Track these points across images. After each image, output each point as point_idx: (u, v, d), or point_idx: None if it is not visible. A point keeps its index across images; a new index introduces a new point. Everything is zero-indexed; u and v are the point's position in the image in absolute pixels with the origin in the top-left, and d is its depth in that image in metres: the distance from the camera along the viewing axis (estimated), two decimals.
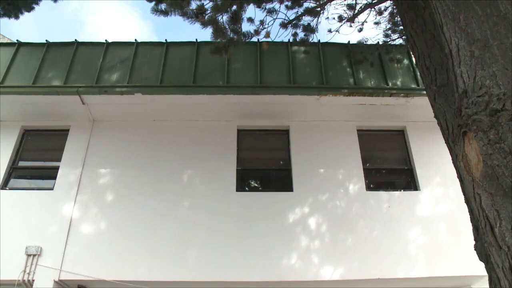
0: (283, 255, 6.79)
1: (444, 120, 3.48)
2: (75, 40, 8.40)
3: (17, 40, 8.45)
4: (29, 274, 6.54)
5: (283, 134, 8.21)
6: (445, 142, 3.51)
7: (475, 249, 2.86)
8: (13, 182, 7.68)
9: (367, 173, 7.76)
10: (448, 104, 3.49)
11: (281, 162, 8.15)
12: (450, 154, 3.38)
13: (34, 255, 6.68)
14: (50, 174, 7.65)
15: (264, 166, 8.36)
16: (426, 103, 4.94)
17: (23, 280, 6.49)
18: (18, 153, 7.96)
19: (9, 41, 10.84)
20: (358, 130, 8.18)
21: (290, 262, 6.74)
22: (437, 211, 7.28)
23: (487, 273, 2.64)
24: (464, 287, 7.13)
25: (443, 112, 3.53)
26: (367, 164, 7.89)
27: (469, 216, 3.00)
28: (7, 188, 7.47)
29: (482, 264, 2.67)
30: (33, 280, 6.52)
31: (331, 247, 6.89)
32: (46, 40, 8.34)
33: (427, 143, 7.98)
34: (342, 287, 6.91)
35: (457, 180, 3.17)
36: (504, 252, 2.20)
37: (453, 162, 3.30)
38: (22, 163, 8.01)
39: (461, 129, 2.45)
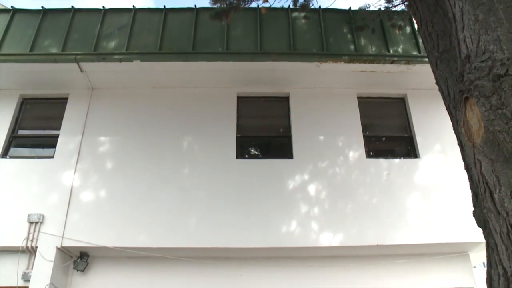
0: (283, 221, 6.86)
1: (446, 86, 3.45)
2: (72, 6, 8.24)
3: (11, 7, 8.30)
4: (32, 241, 6.62)
5: (283, 101, 8.16)
6: (446, 109, 3.49)
7: (473, 215, 2.88)
8: (13, 151, 7.69)
9: (367, 140, 7.76)
10: (450, 70, 3.45)
11: (281, 129, 8.14)
12: (451, 120, 3.36)
13: (36, 223, 6.74)
14: (50, 142, 7.64)
15: (264, 133, 8.35)
16: (427, 71, 4.90)
17: (27, 247, 6.57)
18: (17, 122, 7.93)
19: (3, 8, 10.64)
20: (358, 98, 8.13)
21: (289, 229, 6.81)
22: (436, 179, 7.31)
23: (485, 238, 2.66)
24: (462, 253, 7.21)
25: (444, 78, 3.50)
26: (367, 132, 7.88)
27: (468, 183, 3.01)
28: (7, 157, 7.48)
29: (479, 231, 2.69)
30: (36, 247, 6.61)
31: (331, 214, 6.95)
32: (42, 7, 8.19)
33: (428, 111, 7.95)
34: (341, 254, 7.02)
35: (457, 148, 3.16)
36: (502, 217, 2.21)
37: (454, 129, 3.29)
38: (21, 132, 7.99)
39: (463, 94, 2.43)
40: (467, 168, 2.96)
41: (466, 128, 2.42)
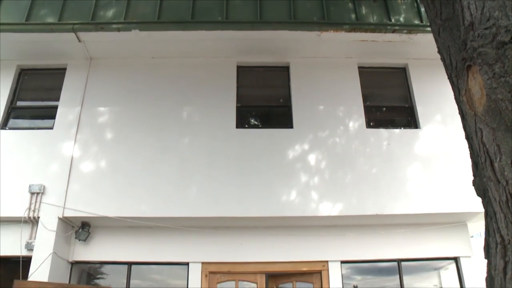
0: (283, 191, 6.90)
1: (448, 55, 3.39)
2: None
3: None
4: (34, 211, 6.67)
5: (283, 71, 8.10)
6: (448, 78, 3.45)
7: (473, 185, 2.87)
8: (12, 122, 7.66)
9: (368, 110, 7.73)
10: (453, 38, 3.39)
11: (281, 99, 8.10)
12: (453, 89, 3.32)
13: (38, 193, 6.78)
14: (49, 113, 7.61)
15: (264, 103, 8.32)
16: (429, 40, 4.84)
17: (29, 217, 6.63)
18: (16, 93, 7.88)
19: None
20: (359, 67, 8.06)
21: (289, 198, 6.86)
22: (436, 149, 7.31)
23: (484, 207, 2.67)
24: (460, 223, 7.28)
25: (447, 47, 3.44)
26: (368, 102, 7.84)
27: (468, 153, 3.00)
28: (6, 128, 7.46)
29: (477, 202, 2.69)
30: (38, 217, 6.67)
31: (331, 184, 6.99)
32: None
33: (429, 81, 7.89)
34: (341, 223, 7.08)
35: (457, 118, 3.14)
36: (502, 186, 2.21)
37: (455, 98, 3.25)
38: (20, 103, 7.95)
39: (466, 62, 2.39)
40: (467, 137, 2.94)
41: (468, 96, 2.39)
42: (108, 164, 7.09)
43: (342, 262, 7.11)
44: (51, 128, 7.37)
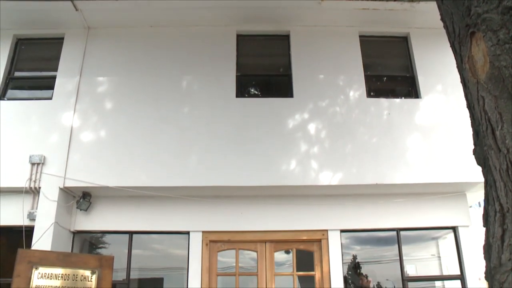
0: (283, 160, 6.91)
1: (451, 22, 3.32)
2: None
3: None
4: (35, 182, 6.70)
5: (284, 40, 7.99)
6: (450, 46, 3.39)
7: (473, 154, 2.86)
8: (10, 93, 7.61)
9: (368, 79, 7.66)
10: (456, 4, 3.32)
11: (281, 68, 8.03)
12: (455, 58, 3.27)
13: (38, 164, 6.79)
14: (48, 84, 7.55)
15: (264, 72, 8.25)
16: (432, 9, 4.75)
17: (30, 188, 6.66)
18: (13, 63, 7.79)
19: None
20: (360, 36, 7.95)
21: (289, 167, 6.88)
22: (437, 119, 7.29)
23: (484, 176, 2.66)
24: (459, 193, 7.32)
25: (450, 14, 3.37)
26: (368, 71, 7.77)
27: (469, 122, 2.98)
28: (5, 99, 7.42)
29: (477, 172, 2.69)
30: (39, 188, 6.70)
31: (331, 153, 6.99)
32: None
33: (431, 51, 7.81)
34: (340, 192, 7.12)
35: (459, 89, 3.11)
36: (503, 154, 2.20)
37: (457, 66, 3.21)
38: (18, 74, 7.88)
39: (469, 29, 2.35)
40: (469, 106, 2.91)
41: (471, 64, 2.36)
42: (108, 134, 7.08)
43: (342, 231, 7.18)
44: (50, 98, 7.32)
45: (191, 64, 7.59)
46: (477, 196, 7.75)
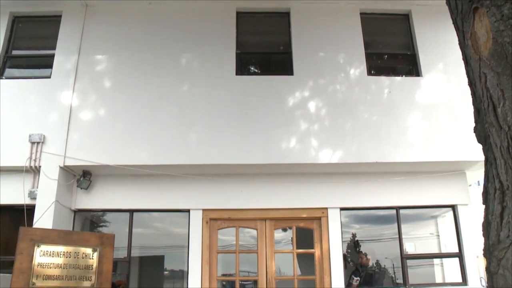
0: (283, 138, 6.90)
1: None
2: None
3: None
4: (35, 161, 6.70)
5: (284, 17, 7.89)
6: (453, 23, 3.34)
7: (474, 132, 2.85)
8: (8, 71, 7.55)
9: (369, 57, 7.60)
10: None
11: (281, 46, 7.95)
12: (457, 34, 3.23)
13: (38, 143, 6.78)
14: (46, 62, 7.49)
15: (264, 50, 8.18)
16: None
17: (30, 167, 6.67)
18: (10, 42, 7.71)
19: None
20: (361, 13, 7.85)
21: (289, 145, 6.87)
22: (437, 98, 7.25)
23: (484, 154, 2.66)
24: (458, 172, 7.33)
25: None
26: (369, 49, 7.69)
27: (471, 100, 2.96)
28: (3, 78, 7.36)
29: (477, 150, 2.69)
30: (39, 167, 6.71)
31: (331, 131, 6.98)
32: None
33: (432, 29, 7.72)
34: (340, 170, 7.13)
35: (460, 67, 3.09)
36: (504, 131, 2.19)
37: (459, 43, 3.17)
38: (15, 52, 7.81)
39: (472, 4, 2.32)
40: (470, 83, 2.89)
41: (473, 40, 2.33)
42: (107, 112, 7.06)
43: (341, 209, 7.22)
44: (49, 77, 7.27)
45: (190, 41, 7.51)
46: (476, 175, 7.77)
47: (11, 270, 4.94)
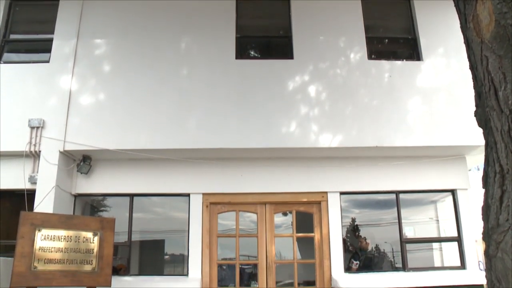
0: (283, 122, 6.89)
1: None
2: None
3: None
4: (35, 145, 6.69)
5: (284, 0, 7.81)
6: (455, 6, 3.31)
7: (475, 115, 2.84)
8: (6, 56, 7.50)
9: (369, 41, 7.55)
10: None
11: (282, 29, 7.89)
12: (459, 17, 3.20)
13: (38, 127, 6.77)
14: (44, 46, 7.42)
15: (264, 33, 8.11)
16: None
17: (30, 151, 6.67)
18: (8, 26, 7.65)
19: None
20: None
21: (289, 130, 6.86)
22: (438, 82, 7.22)
23: (484, 138, 2.65)
24: (458, 156, 7.33)
25: None
26: (370, 33, 7.64)
27: (471, 85, 2.94)
28: (1, 62, 7.32)
29: (477, 135, 2.68)
30: (39, 151, 6.70)
31: (331, 115, 6.96)
32: None
33: (433, 12, 7.66)
34: (340, 155, 7.13)
35: (461, 52, 3.06)
36: (505, 115, 2.18)
37: (461, 27, 3.14)
38: (13, 36, 7.75)
39: None
40: (472, 67, 2.87)
41: (475, 23, 2.31)
42: (107, 97, 7.03)
43: (341, 193, 7.24)
44: (47, 61, 7.22)
45: (190, 25, 7.45)
46: (476, 160, 7.78)
47: (13, 254, 4.96)
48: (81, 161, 6.95)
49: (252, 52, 7.95)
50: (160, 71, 7.15)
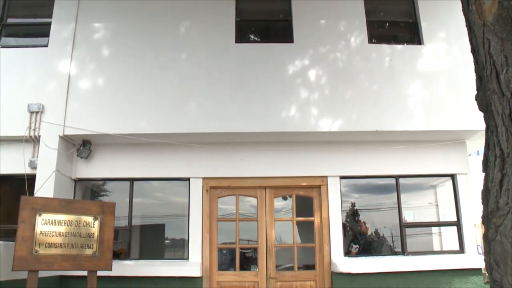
0: (283, 106, 6.87)
1: None
2: None
3: None
4: (34, 130, 6.69)
5: None
6: None
7: (476, 99, 2.83)
8: (4, 40, 7.46)
9: (370, 25, 7.49)
10: None
11: (282, 13, 7.82)
12: (461, 0, 3.19)
13: (37, 112, 6.76)
14: (42, 30, 7.37)
15: (264, 17, 8.05)
16: None
17: (30, 136, 6.67)
18: (5, 10, 7.59)
19: None
20: None
21: (289, 114, 6.84)
22: (439, 67, 7.19)
23: (485, 122, 2.64)
24: (459, 141, 7.33)
25: None
26: (370, 16, 7.58)
27: (472, 69, 2.92)
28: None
29: (477, 120, 2.67)
30: (39, 136, 6.70)
31: (331, 99, 6.94)
32: None
33: None
34: (340, 139, 7.12)
35: (462, 36, 3.04)
36: (506, 98, 2.18)
37: (463, 9, 3.11)
38: (11, 20, 7.69)
39: None
40: (473, 50, 2.85)
41: (478, 5, 2.29)
42: (106, 82, 7.00)
43: (341, 177, 7.25)
44: (46, 46, 7.18)
45: (189, 8, 7.39)
46: (476, 145, 7.78)
47: (14, 238, 4.98)
48: (81, 146, 6.94)
49: (252, 36, 7.89)
50: (159, 55, 7.11)
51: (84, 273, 5.39)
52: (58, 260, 5.12)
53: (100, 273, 5.42)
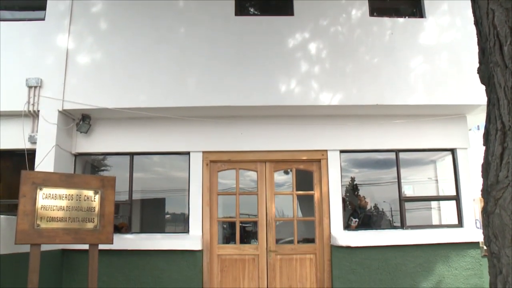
0: (283, 80, 6.82)
1: None
2: None
3: None
4: (33, 105, 6.66)
5: None
6: None
7: (478, 72, 2.81)
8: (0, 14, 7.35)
9: None
10: None
11: None
12: None
13: (36, 87, 6.71)
14: (39, 3, 7.25)
15: None
16: None
17: (29, 111, 6.64)
18: None
19: None
20: None
21: (289, 87, 6.80)
22: (441, 40, 7.11)
23: (487, 95, 2.63)
24: (459, 115, 7.30)
25: None
26: None
27: (474, 43, 2.89)
28: None
29: (478, 94, 2.65)
30: (38, 111, 6.68)
31: (331, 73, 6.89)
32: None
33: None
34: (341, 113, 7.10)
35: (465, 8, 2.98)
36: (509, 71, 2.16)
37: None
38: None
39: None
40: (476, 22, 2.81)
41: None
42: (104, 55, 6.94)
43: (341, 151, 7.25)
44: (43, 19, 7.08)
45: None
46: (476, 119, 7.76)
47: (15, 213, 5.01)
48: (81, 120, 6.92)
49: (252, 9, 7.78)
50: (158, 28, 7.03)
51: (86, 247, 5.45)
52: (59, 233, 5.17)
53: (101, 246, 5.48)
